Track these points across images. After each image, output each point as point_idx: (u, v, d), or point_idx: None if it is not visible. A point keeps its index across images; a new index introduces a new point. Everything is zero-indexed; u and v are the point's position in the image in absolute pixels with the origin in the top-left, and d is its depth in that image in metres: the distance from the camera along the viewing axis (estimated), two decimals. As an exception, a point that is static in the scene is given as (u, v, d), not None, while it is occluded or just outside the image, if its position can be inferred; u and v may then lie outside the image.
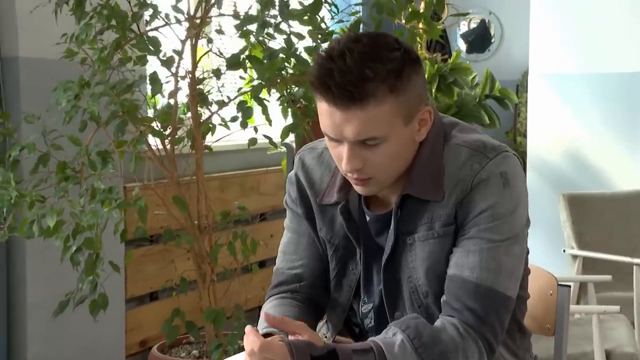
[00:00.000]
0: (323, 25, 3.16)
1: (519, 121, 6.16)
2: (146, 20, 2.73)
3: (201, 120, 2.96)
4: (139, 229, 2.66)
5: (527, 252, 1.71)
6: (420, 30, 3.40)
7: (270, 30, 2.88)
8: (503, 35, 6.35)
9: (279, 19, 2.96)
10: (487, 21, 6.42)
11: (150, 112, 3.48)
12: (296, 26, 3.06)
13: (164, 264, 3.34)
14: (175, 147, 2.97)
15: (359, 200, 1.67)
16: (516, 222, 1.56)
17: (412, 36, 2.96)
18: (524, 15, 5.07)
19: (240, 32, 2.95)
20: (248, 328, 1.43)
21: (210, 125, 3.03)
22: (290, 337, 1.46)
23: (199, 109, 2.99)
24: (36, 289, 3.31)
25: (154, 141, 2.92)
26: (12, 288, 3.30)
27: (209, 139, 3.08)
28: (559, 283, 2.00)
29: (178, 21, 2.81)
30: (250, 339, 1.40)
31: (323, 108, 1.50)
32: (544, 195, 4.92)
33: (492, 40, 6.39)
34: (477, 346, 1.51)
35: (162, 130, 2.81)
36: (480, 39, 6.43)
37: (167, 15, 2.76)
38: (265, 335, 1.51)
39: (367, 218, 1.66)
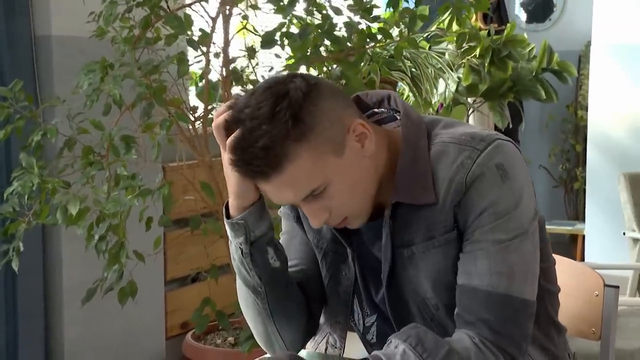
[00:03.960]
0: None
1: (581, 94, 5.89)
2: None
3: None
4: (162, 217, 2.56)
5: (547, 242, 1.54)
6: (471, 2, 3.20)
7: (305, 6, 2.73)
8: (565, 3, 6.05)
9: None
10: (549, -12, 6.14)
11: (193, 91, 3.36)
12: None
13: (207, 245, 3.25)
14: (209, 128, 2.85)
15: None
16: (522, 216, 1.40)
17: (457, 10, 2.77)
18: (588, -18, 4.82)
19: (276, 7, 2.82)
20: None
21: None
22: None
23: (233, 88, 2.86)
24: (73, 273, 3.25)
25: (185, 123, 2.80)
26: (48, 272, 3.26)
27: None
28: (606, 283, 1.83)
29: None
30: None
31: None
32: (604, 173, 4.70)
33: (554, 9, 6.10)
34: None
35: (191, 112, 2.69)
36: (541, 8, 6.14)
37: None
38: None
39: None
